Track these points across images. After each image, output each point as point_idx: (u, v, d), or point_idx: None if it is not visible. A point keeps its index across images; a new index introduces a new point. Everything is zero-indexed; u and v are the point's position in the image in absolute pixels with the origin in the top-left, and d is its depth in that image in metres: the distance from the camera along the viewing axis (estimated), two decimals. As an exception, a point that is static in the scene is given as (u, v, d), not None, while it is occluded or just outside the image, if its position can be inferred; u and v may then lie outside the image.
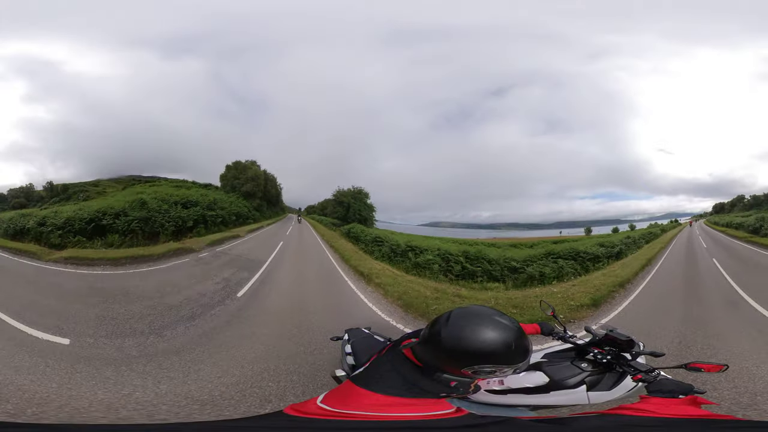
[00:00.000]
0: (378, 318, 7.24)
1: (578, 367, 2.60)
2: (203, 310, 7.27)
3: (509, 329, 1.66)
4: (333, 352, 4.94)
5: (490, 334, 1.62)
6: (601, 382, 2.53)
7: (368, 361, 2.18)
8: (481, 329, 1.63)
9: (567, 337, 2.83)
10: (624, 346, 2.57)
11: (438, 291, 9.17)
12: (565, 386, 2.52)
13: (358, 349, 3.15)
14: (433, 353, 1.73)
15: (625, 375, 2.48)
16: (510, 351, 1.63)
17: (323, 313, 7.43)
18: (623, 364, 2.50)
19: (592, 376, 2.55)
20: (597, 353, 2.62)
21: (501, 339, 1.63)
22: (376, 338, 3.41)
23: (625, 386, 2.50)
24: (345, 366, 3.20)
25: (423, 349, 1.79)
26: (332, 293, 9.08)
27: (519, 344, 1.66)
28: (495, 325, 1.65)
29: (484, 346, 1.61)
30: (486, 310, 1.73)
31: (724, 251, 12.42)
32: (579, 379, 2.54)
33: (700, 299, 8.62)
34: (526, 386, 2.56)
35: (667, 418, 1.63)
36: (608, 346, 2.62)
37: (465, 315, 1.72)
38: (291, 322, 6.75)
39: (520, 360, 1.69)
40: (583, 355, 2.68)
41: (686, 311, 7.69)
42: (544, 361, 2.71)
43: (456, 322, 1.70)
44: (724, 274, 10.07)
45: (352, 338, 3.40)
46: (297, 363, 5.23)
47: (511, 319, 1.71)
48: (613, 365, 2.55)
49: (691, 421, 1.64)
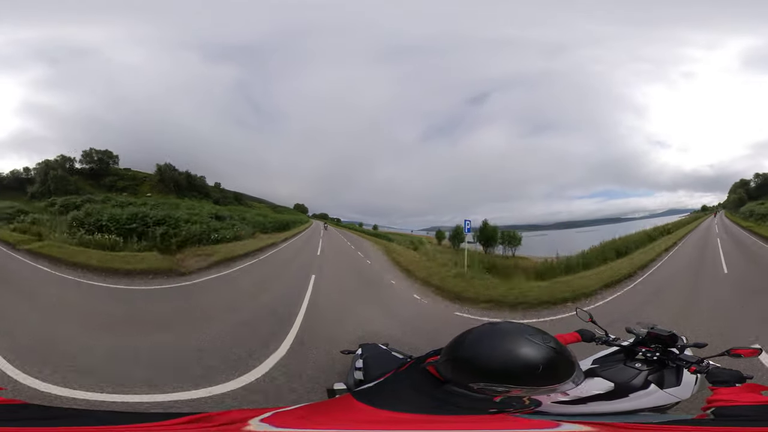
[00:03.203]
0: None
1: (634, 368, 2.59)
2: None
3: (542, 349, 1.60)
4: (336, 367, 4.52)
5: (521, 354, 1.58)
6: (665, 379, 2.52)
7: (381, 377, 2.13)
8: (513, 348, 1.59)
9: (611, 340, 2.82)
10: (668, 340, 2.60)
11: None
12: (635, 388, 2.50)
13: (370, 364, 3.02)
14: (457, 370, 1.70)
15: (681, 369, 2.49)
16: (542, 371, 1.57)
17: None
18: (674, 358, 2.52)
19: (651, 375, 2.54)
20: (645, 351, 2.62)
21: (532, 359, 1.58)
22: (393, 355, 3.27)
23: (689, 379, 2.50)
24: (350, 380, 3.06)
25: (446, 366, 1.74)
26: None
27: (556, 361, 1.61)
28: (527, 345, 1.60)
29: (514, 368, 1.58)
30: (518, 328, 1.69)
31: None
32: (642, 379, 2.52)
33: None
34: (595, 393, 2.53)
35: (753, 406, 1.76)
36: (653, 343, 2.64)
37: (494, 333, 1.68)
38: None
39: (569, 374, 1.65)
40: (632, 356, 2.67)
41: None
42: (597, 366, 2.69)
43: (484, 339, 1.67)
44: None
45: (365, 353, 3.26)
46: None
47: (546, 336, 1.65)
48: (664, 361, 2.55)
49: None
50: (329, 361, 4.93)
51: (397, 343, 3.83)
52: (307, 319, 6.66)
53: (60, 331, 5.53)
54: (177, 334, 5.85)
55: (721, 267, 9.64)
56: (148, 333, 5.79)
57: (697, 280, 9.00)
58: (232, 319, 6.50)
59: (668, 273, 9.95)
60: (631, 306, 7.59)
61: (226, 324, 6.23)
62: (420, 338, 5.66)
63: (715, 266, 9.76)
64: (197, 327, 5.98)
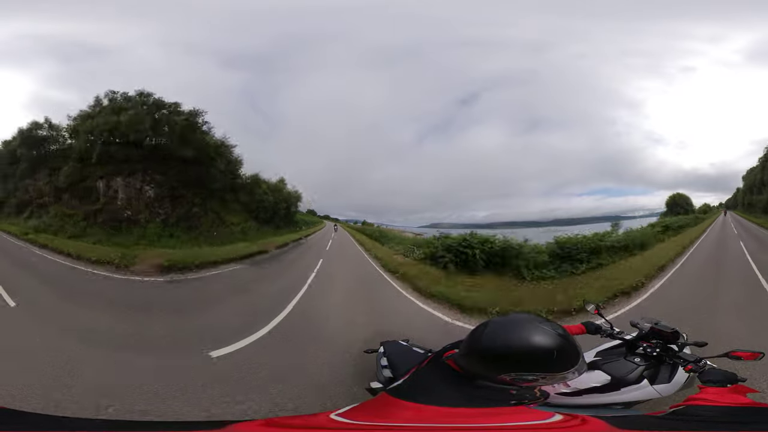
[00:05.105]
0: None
1: (632, 363, 2.67)
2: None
3: (554, 335, 1.66)
4: (365, 365, 4.73)
5: (537, 340, 1.63)
6: (659, 375, 2.60)
7: (407, 373, 2.15)
8: (528, 336, 1.64)
9: (615, 333, 2.87)
10: (670, 337, 2.67)
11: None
12: (629, 382, 2.58)
13: (395, 361, 3.10)
14: (479, 363, 1.73)
15: (677, 366, 2.55)
16: (557, 357, 1.63)
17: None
18: (672, 355, 2.59)
19: (647, 370, 2.62)
20: (646, 347, 2.69)
21: (548, 345, 1.63)
22: (415, 350, 3.35)
23: (680, 377, 2.57)
24: (381, 378, 3.16)
25: (468, 360, 1.77)
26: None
27: (566, 348, 1.66)
28: (541, 332, 1.65)
29: (533, 353, 1.62)
30: (528, 317, 1.74)
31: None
32: (638, 374, 2.60)
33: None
34: (592, 386, 2.60)
35: (727, 407, 1.69)
36: (654, 339, 2.70)
37: (508, 323, 1.73)
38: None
39: (574, 363, 1.68)
40: (633, 350, 2.75)
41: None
42: (599, 359, 2.77)
43: (500, 330, 1.71)
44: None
45: (388, 351, 3.35)
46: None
47: (554, 324, 1.72)
48: (663, 357, 2.62)
49: (744, 409, 1.70)
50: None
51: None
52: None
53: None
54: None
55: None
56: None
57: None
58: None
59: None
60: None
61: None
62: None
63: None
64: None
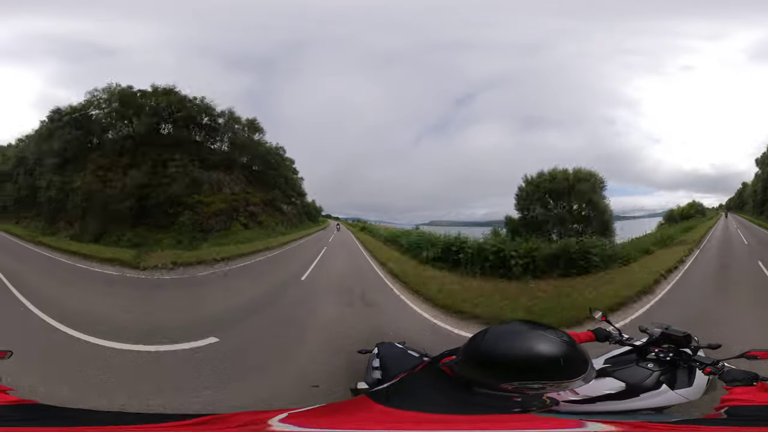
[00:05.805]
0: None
1: (646, 368, 2.59)
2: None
3: (559, 343, 1.63)
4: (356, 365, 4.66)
5: (541, 349, 1.60)
6: (677, 380, 2.52)
7: (397, 377, 2.15)
8: (532, 344, 1.61)
9: (624, 340, 2.82)
10: (681, 341, 2.61)
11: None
12: (647, 388, 2.50)
13: (387, 363, 3.03)
14: (477, 370, 1.71)
15: (694, 370, 2.49)
16: (564, 365, 1.60)
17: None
18: (688, 359, 2.52)
19: (663, 375, 2.54)
20: (658, 352, 2.62)
21: (553, 353, 1.60)
22: (410, 354, 3.26)
23: (701, 380, 2.50)
24: (369, 379, 3.08)
25: (465, 367, 1.76)
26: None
27: (573, 356, 1.63)
28: (545, 340, 1.63)
29: (537, 362, 1.59)
30: (531, 325, 1.72)
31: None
32: (654, 379, 2.53)
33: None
34: (605, 393, 2.53)
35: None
36: (666, 344, 2.64)
37: (509, 331, 1.70)
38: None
39: (582, 371, 1.66)
40: (644, 356, 2.68)
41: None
42: (608, 366, 2.69)
43: (500, 338, 1.69)
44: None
45: (381, 352, 3.28)
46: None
47: (560, 332, 1.69)
48: (677, 362, 2.55)
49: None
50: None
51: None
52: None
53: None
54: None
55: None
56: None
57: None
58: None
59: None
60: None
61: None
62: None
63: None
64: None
